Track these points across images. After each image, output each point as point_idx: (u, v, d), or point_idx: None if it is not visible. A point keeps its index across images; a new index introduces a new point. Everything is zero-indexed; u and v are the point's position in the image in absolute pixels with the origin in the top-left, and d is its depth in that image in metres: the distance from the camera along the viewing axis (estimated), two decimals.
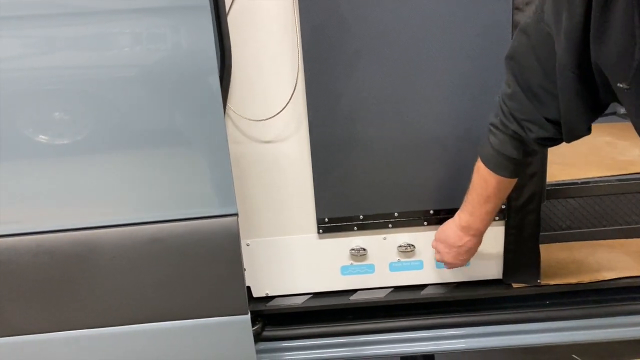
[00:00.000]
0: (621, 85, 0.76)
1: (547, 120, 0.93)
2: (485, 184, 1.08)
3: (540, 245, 1.29)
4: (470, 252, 1.20)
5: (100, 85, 1.01)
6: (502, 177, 1.05)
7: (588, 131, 0.93)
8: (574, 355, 1.58)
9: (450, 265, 1.25)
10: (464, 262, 1.23)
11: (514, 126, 0.98)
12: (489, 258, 1.33)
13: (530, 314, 1.33)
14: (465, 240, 1.17)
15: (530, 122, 0.95)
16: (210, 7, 0.98)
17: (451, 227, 1.18)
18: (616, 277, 1.33)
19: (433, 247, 1.24)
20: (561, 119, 0.91)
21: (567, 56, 0.80)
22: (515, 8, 1.12)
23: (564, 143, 0.97)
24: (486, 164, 1.05)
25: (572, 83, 0.83)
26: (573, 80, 0.82)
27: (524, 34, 0.91)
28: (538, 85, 0.91)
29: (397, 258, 1.33)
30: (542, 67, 0.89)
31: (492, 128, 1.03)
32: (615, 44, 0.73)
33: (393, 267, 1.34)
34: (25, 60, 1.00)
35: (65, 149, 1.03)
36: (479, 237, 1.17)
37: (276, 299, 1.36)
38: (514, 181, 1.09)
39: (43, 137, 1.02)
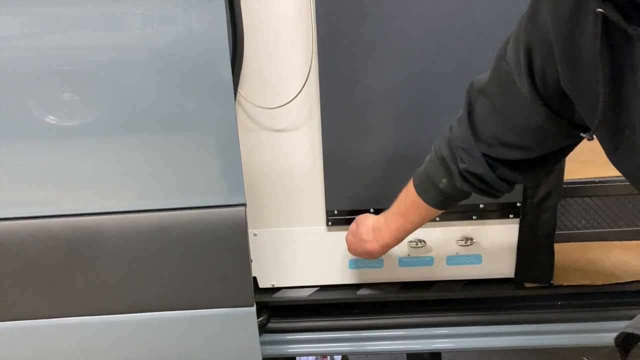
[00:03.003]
0: (583, 135, 0.77)
1: (483, 154, 0.90)
2: (405, 197, 1.05)
3: (555, 245, 1.26)
4: (368, 254, 1.16)
5: (109, 66, 0.99)
6: (419, 198, 1.02)
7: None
8: (584, 358, 1.56)
9: (349, 248, 1.22)
10: (359, 256, 1.21)
11: (444, 152, 0.95)
12: (502, 256, 1.30)
13: (541, 315, 1.30)
14: (370, 239, 1.13)
15: (465, 152, 0.91)
16: None
17: (369, 220, 1.15)
18: (632, 280, 1.29)
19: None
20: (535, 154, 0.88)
21: (530, 94, 0.79)
22: None
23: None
24: (413, 178, 1.03)
25: (544, 114, 0.80)
26: (545, 112, 0.79)
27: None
28: (492, 134, 0.88)
29: (407, 253, 1.30)
30: (498, 110, 0.85)
31: (433, 147, 1.00)
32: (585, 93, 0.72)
33: (402, 263, 1.31)
34: (34, 39, 0.97)
35: (73, 131, 1.00)
36: (383, 248, 1.12)
37: (282, 290, 1.34)
38: (430, 212, 1.03)
39: (52, 117, 0.99)
